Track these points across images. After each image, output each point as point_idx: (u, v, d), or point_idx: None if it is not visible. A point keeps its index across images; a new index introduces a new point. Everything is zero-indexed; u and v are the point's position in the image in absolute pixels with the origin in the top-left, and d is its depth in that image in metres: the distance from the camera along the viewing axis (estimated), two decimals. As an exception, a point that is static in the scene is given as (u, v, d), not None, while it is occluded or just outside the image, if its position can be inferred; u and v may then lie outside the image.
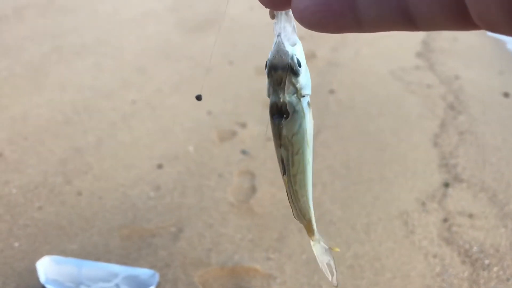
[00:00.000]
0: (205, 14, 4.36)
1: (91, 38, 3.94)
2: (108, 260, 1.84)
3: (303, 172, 0.53)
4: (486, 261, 1.90)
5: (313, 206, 0.59)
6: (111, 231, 2.02)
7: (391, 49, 3.56)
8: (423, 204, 2.18)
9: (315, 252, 0.64)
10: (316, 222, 0.60)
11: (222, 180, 2.30)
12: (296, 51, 0.47)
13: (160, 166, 2.38)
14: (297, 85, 0.48)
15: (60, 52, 3.66)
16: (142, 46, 3.83)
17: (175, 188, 2.24)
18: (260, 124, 2.74)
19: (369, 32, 0.31)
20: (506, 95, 3.05)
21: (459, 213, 2.14)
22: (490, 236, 2.02)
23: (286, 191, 0.55)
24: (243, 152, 2.50)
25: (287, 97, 0.48)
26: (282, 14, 0.46)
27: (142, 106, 2.95)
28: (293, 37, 0.47)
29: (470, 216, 2.12)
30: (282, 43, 0.47)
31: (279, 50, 0.47)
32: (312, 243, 0.63)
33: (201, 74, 3.37)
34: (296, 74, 0.47)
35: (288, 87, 0.48)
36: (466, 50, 3.61)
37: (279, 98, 0.48)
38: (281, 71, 0.47)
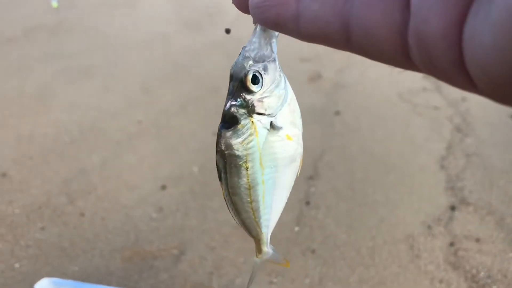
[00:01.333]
0: (213, 36, 4.39)
1: (99, 59, 3.97)
2: (109, 283, 1.83)
3: (247, 189, 0.52)
4: (494, 287, 1.86)
5: (274, 226, 0.59)
6: (112, 252, 2.00)
7: (397, 71, 3.55)
8: (429, 227, 2.15)
9: (254, 264, 0.66)
10: (320, 244, 0.59)
11: (225, 202, 2.28)
12: (261, 67, 0.46)
13: (163, 187, 2.38)
14: (249, 101, 0.47)
15: (68, 73, 3.70)
16: (150, 67, 3.86)
17: (178, 209, 2.23)
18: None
19: (306, 38, 0.29)
20: (513, 117, 3.02)
21: (465, 237, 2.10)
22: (497, 261, 1.98)
23: (223, 197, 0.55)
24: (248, 173, 2.49)
25: (232, 108, 0.48)
26: (257, 27, 0.46)
27: (148, 126, 2.96)
28: (263, 53, 0.46)
29: (477, 240, 2.08)
30: (244, 56, 0.46)
31: (237, 62, 0.47)
32: (256, 258, 0.64)
33: (208, 94, 3.38)
34: (247, 89, 0.47)
35: (236, 100, 0.47)
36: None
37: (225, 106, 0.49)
38: (233, 82, 0.47)
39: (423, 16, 0.22)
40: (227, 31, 0.64)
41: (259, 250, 0.62)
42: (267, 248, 0.62)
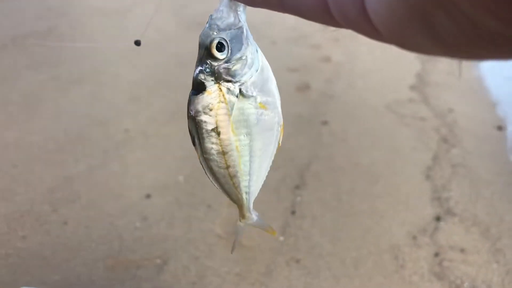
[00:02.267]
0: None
1: (89, 67, 3.96)
2: (91, 292, 1.81)
3: (221, 154, 0.53)
4: (478, 298, 1.86)
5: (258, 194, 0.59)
6: (95, 261, 1.98)
7: (385, 82, 3.57)
8: (414, 238, 2.15)
9: (237, 228, 0.67)
10: (305, 254, 0.60)
11: (210, 211, 2.27)
12: (226, 35, 0.48)
13: (148, 196, 2.36)
14: (215, 68, 0.49)
15: (57, 81, 3.68)
16: (139, 75, 3.86)
17: (162, 218, 2.22)
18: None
19: (250, 3, 0.31)
20: (499, 128, 3.04)
21: (450, 248, 2.10)
22: (482, 272, 1.98)
23: (199, 161, 0.55)
24: (234, 182, 2.48)
25: (200, 75, 0.49)
26: None
27: (135, 135, 2.95)
28: (229, 21, 0.48)
29: (462, 250, 2.08)
30: (210, 24, 0.48)
31: (204, 30, 0.49)
32: (239, 222, 0.65)
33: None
34: (213, 57, 0.48)
35: (203, 66, 0.49)
36: (460, 83, 3.63)
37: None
38: (201, 50, 0.49)
39: None
40: (137, 43, 0.65)
41: (242, 215, 0.63)
42: (249, 213, 0.63)
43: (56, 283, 1.85)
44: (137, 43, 0.62)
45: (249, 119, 0.51)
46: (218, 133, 0.51)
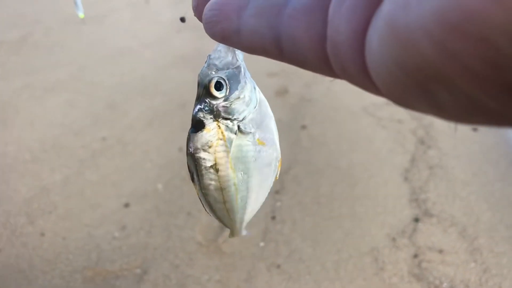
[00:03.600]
0: (181, 51, 4.39)
1: (64, 75, 3.91)
2: (68, 305, 1.78)
3: (219, 190, 0.53)
4: (456, 298, 1.88)
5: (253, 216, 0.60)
6: (73, 273, 1.95)
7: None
8: (394, 239, 2.16)
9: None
10: (285, 259, 0.60)
11: (190, 219, 2.26)
12: (224, 74, 0.49)
13: (126, 205, 2.33)
14: (214, 106, 0.50)
15: (31, 89, 3.62)
16: (116, 82, 3.82)
17: (141, 227, 2.19)
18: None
19: (248, 50, 0.31)
20: (474, 129, 3.09)
21: (429, 249, 2.12)
22: (460, 272, 2.00)
23: (198, 197, 0.56)
24: (214, 189, 2.46)
25: (199, 113, 0.50)
26: None
27: (112, 143, 2.91)
28: (227, 60, 0.49)
29: (440, 251, 2.11)
30: (208, 64, 0.49)
31: (202, 69, 0.50)
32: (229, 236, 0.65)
33: (175, 109, 3.36)
34: (212, 95, 0.49)
35: (202, 105, 0.50)
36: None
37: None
38: (200, 88, 0.50)
39: (334, 25, 0.23)
40: (182, 19, 0.66)
41: (232, 233, 0.64)
42: (240, 233, 0.64)
43: (32, 296, 1.81)
44: (183, 19, 0.63)
45: (247, 155, 0.52)
46: (217, 170, 0.52)
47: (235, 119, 0.51)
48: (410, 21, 0.18)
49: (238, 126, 0.51)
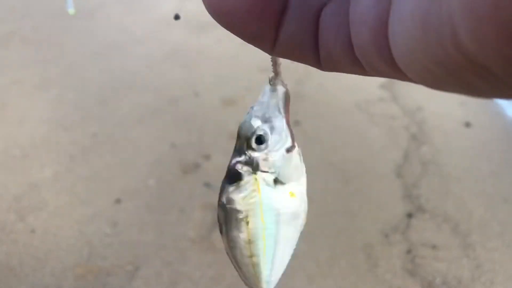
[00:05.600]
0: (172, 46, 4.35)
1: (54, 71, 3.87)
2: (59, 302, 1.75)
3: (247, 243, 0.53)
4: (449, 293, 1.88)
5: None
6: (64, 270, 1.93)
7: (355, 81, 3.59)
8: (387, 236, 2.16)
9: None
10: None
11: (183, 215, 2.24)
12: (267, 128, 0.49)
13: (118, 201, 2.31)
14: (254, 159, 0.50)
15: (21, 85, 3.58)
16: (107, 78, 3.78)
17: (133, 224, 2.17)
18: (224, 156, 2.69)
19: (279, 53, 0.29)
20: (467, 125, 3.10)
21: (422, 245, 2.12)
22: (452, 267, 2.01)
23: (225, 251, 0.56)
24: (206, 185, 2.45)
25: (237, 165, 0.50)
26: (266, 89, 0.49)
27: (103, 139, 2.88)
28: (270, 113, 0.49)
29: (433, 247, 2.11)
30: (251, 116, 0.49)
31: (245, 121, 0.49)
32: None
33: (166, 105, 3.34)
34: (252, 148, 0.49)
35: (241, 157, 0.50)
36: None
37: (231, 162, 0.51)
38: (240, 140, 0.50)
39: (355, 28, 0.23)
40: (177, 17, 0.65)
41: None
42: None
43: (23, 294, 1.79)
44: (177, 17, 0.62)
45: (278, 207, 0.52)
46: (247, 223, 0.51)
47: (273, 172, 0.50)
48: (440, 13, 0.17)
49: (275, 179, 0.51)
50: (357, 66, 0.26)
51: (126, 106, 3.32)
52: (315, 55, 0.27)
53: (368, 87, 3.56)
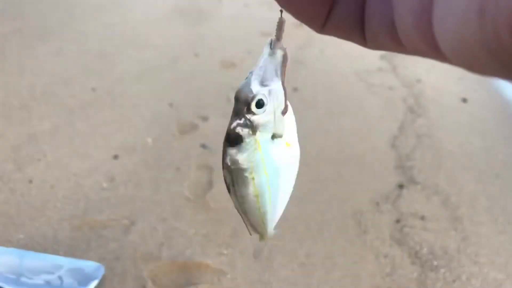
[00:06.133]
0: (174, 3, 4.30)
1: (54, 23, 3.82)
2: (56, 252, 1.80)
3: (255, 197, 0.56)
4: (435, 263, 1.94)
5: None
6: (61, 221, 1.96)
7: (355, 50, 3.57)
8: (377, 204, 2.21)
9: (259, 245, 0.69)
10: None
11: (179, 174, 2.27)
12: (265, 91, 0.50)
13: (116, 157, 2.33)
14: (253, 122, 0.52)
15: (21, 35, 3.54)
16: (107, 32, 3.75)
17: (129, 180, 2.20)
18: (222, 118, 2.71)
19: (328, 32, 0.33)
20: (464, 100, 3.12)
21: (411, 215, 2.17)
22: (440, 238, 2.06)
23: (235, 207, 0.59)
24: (203, 146, 2.47)
25: (237, 128, 0.52)
26: (264, 53, 0.49)
27: (102, 94, 2.89)
28: (269, 78, 0.50)
29: (422, 218, 2.16)
30: (250, 80, 0.50)
31: (244, 86, 0.50)
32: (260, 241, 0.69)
33: (166, 64, 3.33)
34: (252, 112, 0.51)
35: (241, 120, 0.52)
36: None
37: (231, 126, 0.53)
38: (239, 104, 0.51)
39: (399, 13, 0.25)
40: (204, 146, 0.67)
41: (263, 237, 0.66)
42: (269, 236, 0.67)
43: (20, 241, 1.83)
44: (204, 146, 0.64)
45: (277, 159, 0.54)
46: (253, 178, 0.54)
47: (270, 131, 0.53)
48: (497, 4, 0.18)
49: (273, 135, 0.53)
50: (401, 46, 0.28)
51: (126, 62, 3.31)
52: (361, 34, 0.30)
53: (369, 56, 3.56)
